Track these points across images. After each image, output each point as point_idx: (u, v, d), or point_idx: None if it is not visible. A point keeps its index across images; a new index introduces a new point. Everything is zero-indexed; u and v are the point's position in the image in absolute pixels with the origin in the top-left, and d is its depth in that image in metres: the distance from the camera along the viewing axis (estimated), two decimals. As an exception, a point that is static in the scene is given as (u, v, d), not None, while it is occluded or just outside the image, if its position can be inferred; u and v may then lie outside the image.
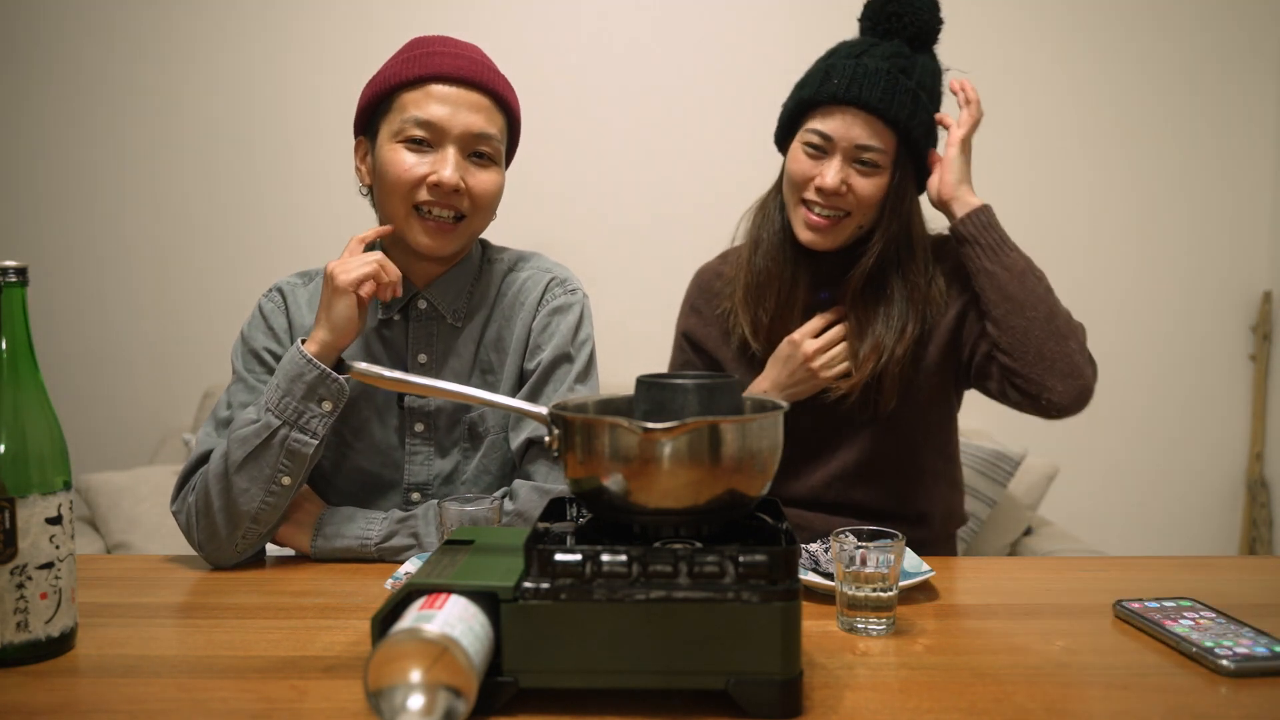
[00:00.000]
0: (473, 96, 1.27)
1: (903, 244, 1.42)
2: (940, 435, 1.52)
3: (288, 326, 1.35)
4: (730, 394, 0.88)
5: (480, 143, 1.27)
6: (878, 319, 1.42)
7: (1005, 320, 1.37)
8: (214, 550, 1.21)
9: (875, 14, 1.42)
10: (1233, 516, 2.74)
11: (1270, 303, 2.66)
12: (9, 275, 0.89)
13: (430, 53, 1.28)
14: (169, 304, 2.70)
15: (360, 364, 0.96)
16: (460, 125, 1.26)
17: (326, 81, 2.61)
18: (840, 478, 1.47)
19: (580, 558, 0.78)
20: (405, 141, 1.26)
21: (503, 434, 1.35)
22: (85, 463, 2.45)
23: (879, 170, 1.38)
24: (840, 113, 1.37)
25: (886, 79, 1.35)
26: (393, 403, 1.34)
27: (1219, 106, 2.64)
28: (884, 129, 1.36)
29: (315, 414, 1.18)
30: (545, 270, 1.39)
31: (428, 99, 1.25)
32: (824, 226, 1.40)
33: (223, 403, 1.31)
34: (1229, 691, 0.82)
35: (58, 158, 2.68)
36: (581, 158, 2.63)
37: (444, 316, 1.35)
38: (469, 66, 1.28)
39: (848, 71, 1.36)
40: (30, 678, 0.86)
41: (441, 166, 1.25)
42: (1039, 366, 1.35)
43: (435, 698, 0.69)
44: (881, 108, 1.35)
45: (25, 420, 0.89)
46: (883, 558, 0.95)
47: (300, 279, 1.40)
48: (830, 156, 1.37)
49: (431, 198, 1.26)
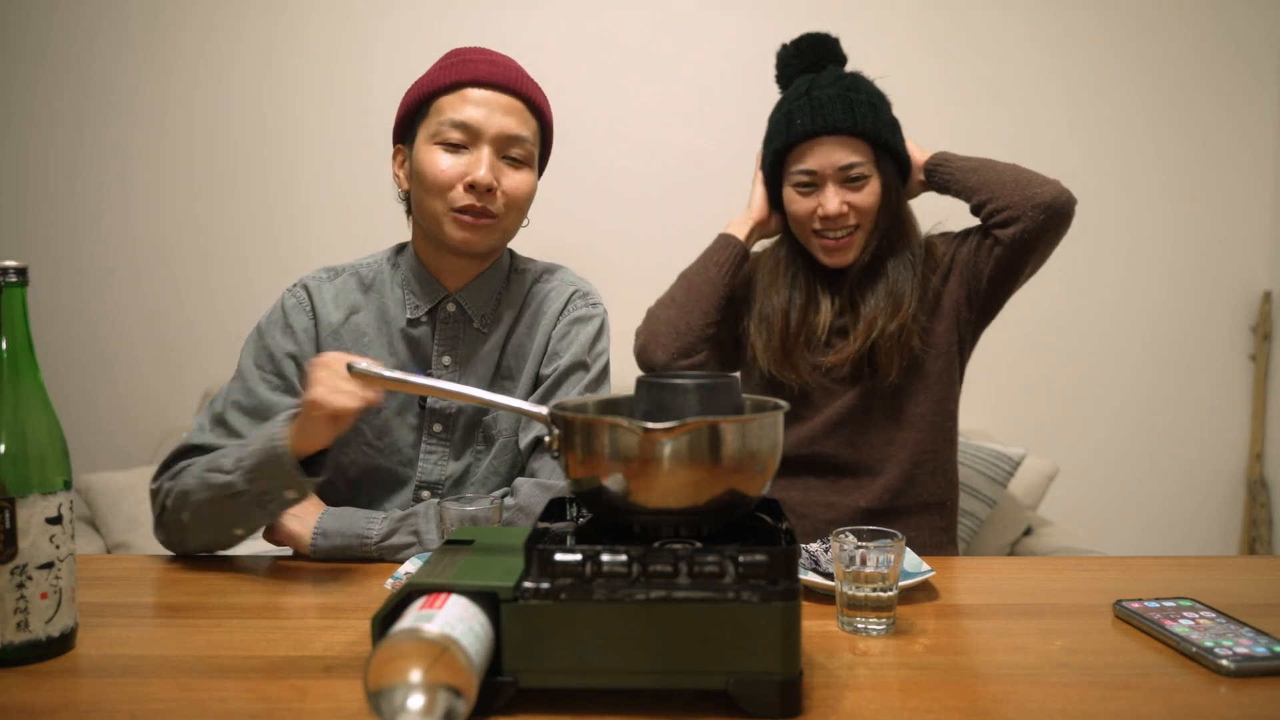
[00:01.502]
0: (506, 100, 1.30)
1: (895, 231, 1.57)
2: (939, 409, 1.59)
3: (310, 324, 1.35)
4: (730, 394, 0.88)
5: (513, 144, 1.30)
6: (870, 297, 1.55)
7: (981, 181, 1.53)
8: (172, 546, 1.26)
9: (787, 64, 1.60)
10: (1233, 516, 2.73)
11: (1270, 303, 2.66)
12: (9, 275, 0.89)
13: (466, 60, 1.32)
14: (169, 304, 2.70)
15: (360, 364, 0.96)
16: (495, 127, 1.29)
17: (331, 81, 2.61)
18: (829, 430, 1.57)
19: (580, 557, 0.78)
20: (442, 144, 1.29)
21: (513, 437, 1.36)
22: (85, 463, 2.45)
23: (867, 179, 1.51)
24: (815, 146, 1.50)
25: (841, 101, 1.49)
26: (414, 402, 1.34)
27: (1219, 106, 2.64)
28: (857, 143, 1.50)
29: (280, 500, 1.16)
30: (570, 283, 1.42)
31: (463, 102, 1.29)
32: (841, 246, 1.53)
33: (221, 397, 1.31)
34: (1229, 691, 0.82)
35: (58, 157, 2.68)
36: (593, 165, 2.63)
37: (471, 320, 1.36)
38: (504, 72, 1.31)
39: (806, 109, 1.51)
40: (30, 678, 0.86)
41: (476, 167, 1.27)
42: (1016, 189, 1.50)
43: (435, 698, 0.69)
44: (849, 126, 1.48)
45: (25, 420, 0.89)
46: (883, 558, 0.95)
47: (326, 274, 1.40)
48: (822, 187, 1.51)
49: (468, 199, 1.28)
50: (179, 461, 1.26)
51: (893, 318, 1.52)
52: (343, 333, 1.35)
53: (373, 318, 1.36)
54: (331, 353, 1.12)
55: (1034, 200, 1.49)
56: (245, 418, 1.29)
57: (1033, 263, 1.55)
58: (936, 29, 2.59)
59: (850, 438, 1.56)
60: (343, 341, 1.35)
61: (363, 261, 1.42)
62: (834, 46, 1.59)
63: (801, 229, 1.56)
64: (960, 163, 1.57)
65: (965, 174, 1.55)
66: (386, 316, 1.36)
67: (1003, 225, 1.51)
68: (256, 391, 1.30)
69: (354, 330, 1.36)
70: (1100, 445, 2.68)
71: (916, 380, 1.56)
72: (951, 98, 2.58)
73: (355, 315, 1.36)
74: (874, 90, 1.55)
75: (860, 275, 1.56)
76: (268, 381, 1.31)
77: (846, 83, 1.52)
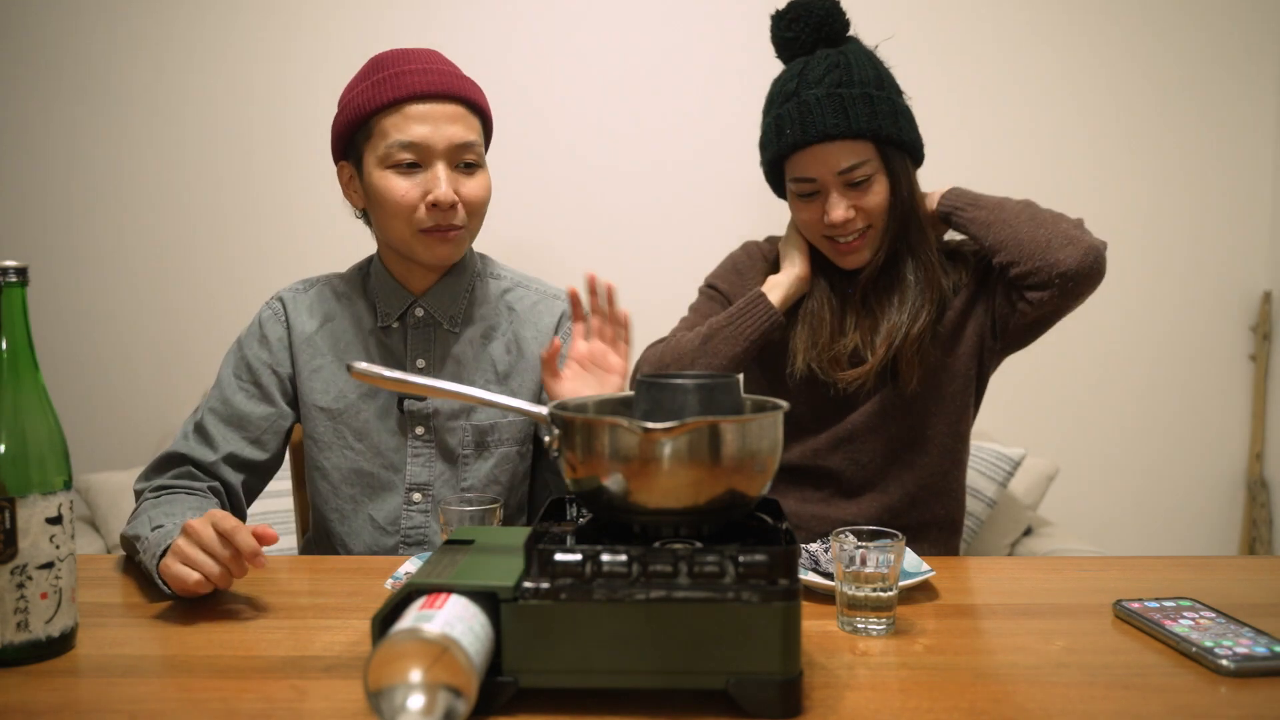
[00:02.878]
0: (449, 108, 1.29)
1: (911, 226, 1.45)
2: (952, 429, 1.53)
3: (284, 335, 1.39)
4: (730, 394, 0.88)
5: (465, 152, 1.30)
6: (891, 304, 1.45)
7: (999, 239, 1.41)
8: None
9: (780, 39, 1.45)
10: (1233, 516, 2.73)
11: (1270, 303, 2.65)
12: (9, 275, 0.89)
13: (398, 73, 1.29)
14: (169, 304, 2.70)
15: (360, 364, 0.96)
16: (444, 140, 1.28)
17: (329, 84, 2.59)
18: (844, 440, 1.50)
19: (580, 558, 0.78)
20: (394, 167, 1.28)
21: (517, 448, 1.38)
22: (85, 463, 2.45)
23: (872, 179, 1.40)
24: (809, 153, 1.39)
25: (831, 101, 1.37)
26: (393, 406, 1.36)
27: (1219, 105, 2.64)
28: (855, 143, 1.38)
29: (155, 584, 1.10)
30: (553, 295, 1.45)
31: (406, 121, 1.28)
32: (855, 248, 1.44)
33: (203, 406, 1.36)
34: (1229, 691, 0.82)
35: (59, 158, 2.68)
36: (570, 162, 2.62)
37: (441, 323, 1.38)
38: (440, 79, 1.30)
39: (794, 115, 1.39)
40: (30, 678, 0.86)
41: (434, 185, 1.28)
42: (1038, 252, 1.38)
43: (435, 698, 0.69)
44: (842, 128, 1.37)
45: (25, 420, 0.89)
46: (883, 558, 0.95)
47: (302, 285, 1.45)
48: (825, 193, 1.41)
49: (432, 219, 1.29)
50: (163, 468, 1.31)
51: (913, 323, 1.43)
52: (317, 339, 1.39)
53: (347, 325, 1.40)
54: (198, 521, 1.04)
55: (1059, 268, 1.37)
56: (223, 425, 1.34)
57: (1067, 313, 1.48)
58: (936, 29, 2.59)
59: (855, 454, 1.50)
60: (317, 347, 1.38)
61: (337, 274, 1.46)
62: (828, 16, 1.42)
63: (812, 234, 1.47)
64: (973, 213, 1.44)
65: (982, 228, 1.43)
66: (360, 324, 1.39)
67: (1030, 289, 1.41)
68: (233, 401, 1.35)
69: (329, 337, 1.39)
70: (1100, 445, 2.68)
71: (932, 401, 1.49)
72: (950, 98, 2.58)
73: (330, 323, 1.40)
74: (869, 76, 1.40)
75: (875, 278, 1.47)
76: (245, 390, 1.36)
77: (838, 77, 1.38)
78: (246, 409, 1.35)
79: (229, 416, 1.34)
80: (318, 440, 1.38)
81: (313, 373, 1.38)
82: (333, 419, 1.37)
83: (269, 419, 1.36)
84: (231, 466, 1.32)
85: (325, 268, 1.51)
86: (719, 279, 1.61)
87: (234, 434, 1.33)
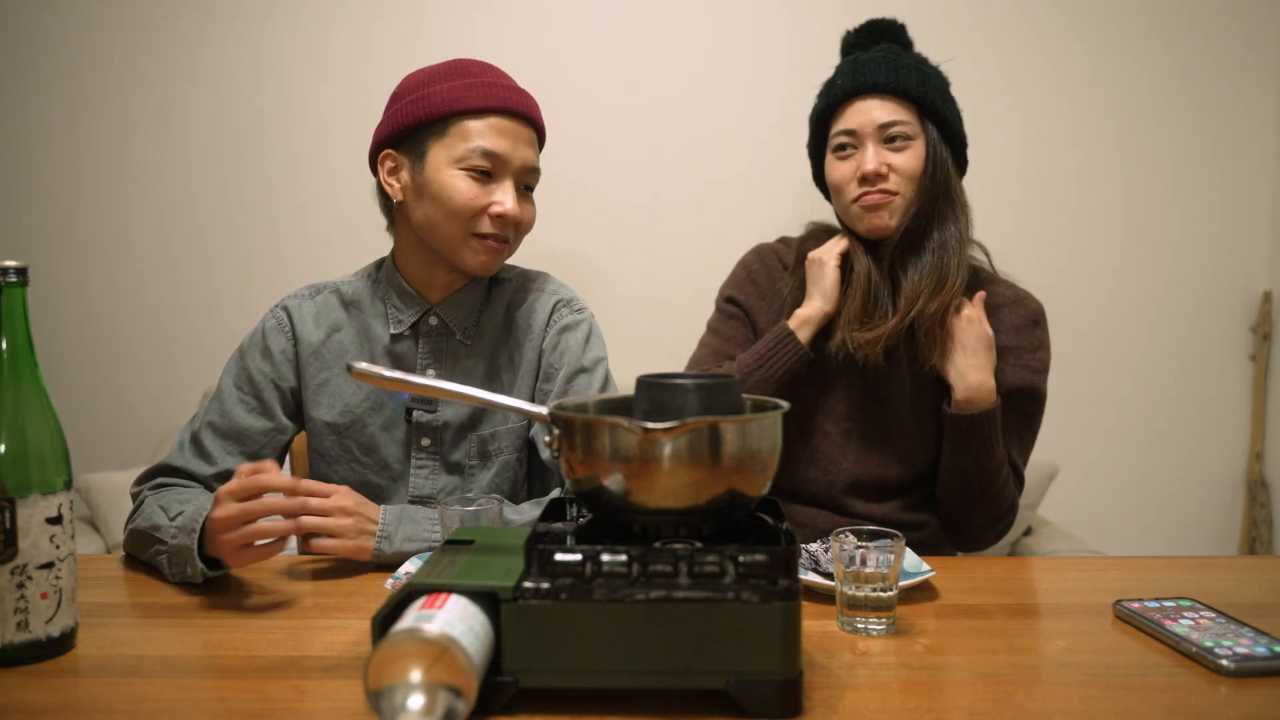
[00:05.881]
0: (527, 132, 1.32)
1: (942, 202, 1.42)
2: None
3: (289, 347, 1.37)
4: (730, 394, 0.88)
5: (530, 176, 1.33)
6: (910, 269, 1.43)
7: (951, 496, 1.46)
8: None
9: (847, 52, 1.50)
10: (1233, 516, 2.73)
11: (1270, 303, 2.65)
12: (9, 275, 0.89)
13: (490, 83, 1.31)
14: (170, 303, 2.70)
15: (361, 364, 0.96)
16: (520, 159, 1.30)
17: (333, 83, 2.61)
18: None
19: (580, 558, 0.78)
20: (469, 169, 1.28)
21: (515, 454, 1.37)
22: (85, 463, 2.45)
23: (910, 141, 1.41)
24: (854, 105, 1.42)
25: (885, 63, 1.42)
26: (400, 418, 1.35)
27: (1218, 106, 2.64)
28: (900, 103, 1.41)
29: (185, 576, 1.12)
30: (551, 292, 1.42)
31: (492, 131, 1.28)
32: (879, 203, 1.40)
33: (200, 416, 1.34)
34: (1229, 691, 0.82)
35: (60, 157, 2.68)
36: (583, 163, 2.63)
37: (454, 333, 1.37)
38: (527, 102, 1.33)
39: (848, 70, 1.44)
40: (30, 678, 0.86)
41: (503, 198, 1.29)
42: (964, 521, 1.47)
43: (435, 698, 0.69)
44: (890, 83, 1.40)
45: (25, 420, 0.89)
46: (883, 558, 0.95)
47: (308, 291, 1.42)
48: (862, 147, 1.42)
49: (493, 229, 1.30)
50: (155, 477, 1.29)
51: (934, 296, 1.39)
52: (324, 351, 1.37)
53: (355, 335, 1.37)
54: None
55: (965, 541, 1.50)
56: (220, 439, 1.32)
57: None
58: (935, 29, 2.59)
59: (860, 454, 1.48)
60: (324, 360, 1.36)
61: (344, 279, 1.43)
62: (894, 30, 1.49)
63: (841, 199, 1.45)
64: (968, 412, 1.41)
65: (953, 470, 1.43)
66: (369, 333, 1.37)
67: (941, 512, 1.50)
68: (233, 414, 1.33)
69: (336, 348, 1.37)
70: (1100, 445, 2.68)
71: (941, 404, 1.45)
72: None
73: (337, 333, 1.37)
74: (927, 62, 1.45)
75: (902, 245, 1.42)
76: (245, 403, 1.34)
77: (896, 50, 1.44)
78: (246, 423, 1.33)
79: (227, 430, 1.32)
80: (324, 455, 1.37)
81: (319, 387, 1.36)
82: (339, 434, 1.35)
83: (268, 434, 1.34)
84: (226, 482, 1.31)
85: (327, 266, 1.50)
86: (735, 289, 1.58)
87: (231, 449, 1.32)
